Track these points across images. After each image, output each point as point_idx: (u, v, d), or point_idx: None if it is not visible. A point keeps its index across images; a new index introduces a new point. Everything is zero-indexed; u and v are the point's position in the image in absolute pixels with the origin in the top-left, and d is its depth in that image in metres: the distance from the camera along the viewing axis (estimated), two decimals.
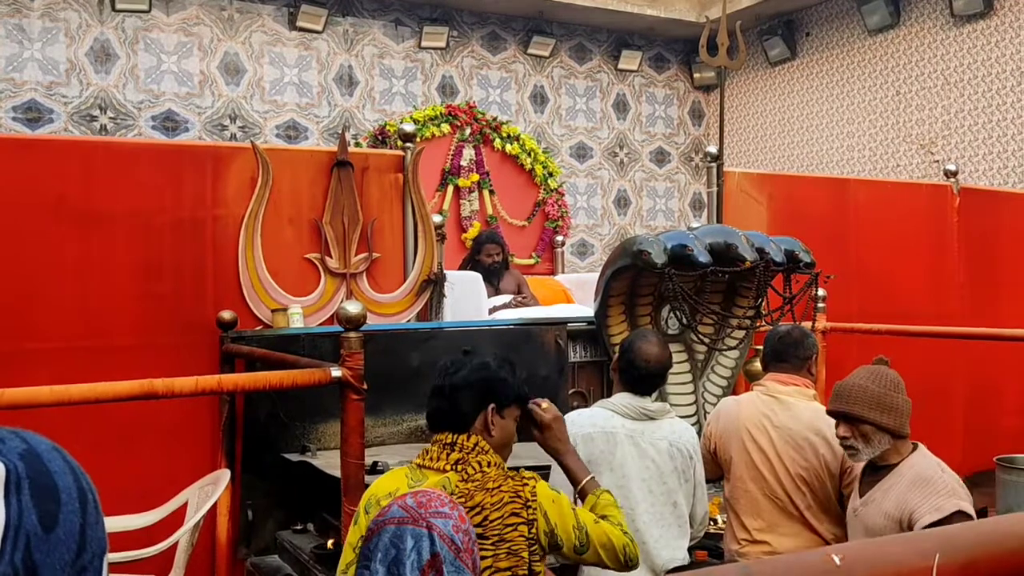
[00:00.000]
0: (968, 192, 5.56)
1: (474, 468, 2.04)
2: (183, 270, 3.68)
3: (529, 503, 2.02)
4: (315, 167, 3.96)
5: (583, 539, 2.12)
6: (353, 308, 2.51)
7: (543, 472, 2.92)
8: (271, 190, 3.81)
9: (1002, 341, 4.74)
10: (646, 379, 2.79)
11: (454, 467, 2.04)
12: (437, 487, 2.03)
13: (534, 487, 2.04)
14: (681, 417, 4.28)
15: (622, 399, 2.81)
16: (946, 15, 7.85)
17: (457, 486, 2.01)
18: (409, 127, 4.21)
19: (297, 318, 3.79)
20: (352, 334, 2.52)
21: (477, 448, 2.06)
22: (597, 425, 2.77)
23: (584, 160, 9.75)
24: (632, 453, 2.74)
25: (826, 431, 2.89)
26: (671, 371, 4.44)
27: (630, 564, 2.19)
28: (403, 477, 2.08)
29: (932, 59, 8.00)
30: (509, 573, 1.97)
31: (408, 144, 4.13)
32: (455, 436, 2.08)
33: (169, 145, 5.19)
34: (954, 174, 5.46)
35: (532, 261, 8.35)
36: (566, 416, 2.87)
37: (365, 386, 2.53)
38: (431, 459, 2.08)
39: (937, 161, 7.43)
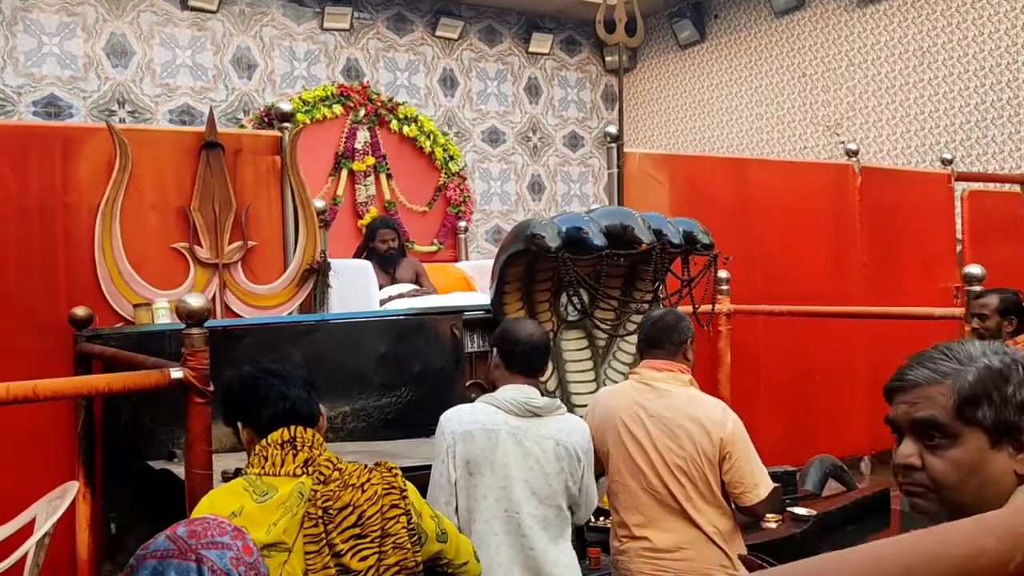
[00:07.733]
0: (870, 171, 5.54)
1: (327, 467, 1.87)
2: (31, 264, 3.35)
3: (404, 492, 1.91)
4: (181, 149, 3.66)
5: (442, 526, 2.01)
6: (195, 301, 2.26)
7: (424, 473, 2.74)
8: (130, 174, 3.50)
9: (904, 319, 4.71)
10: (530, 355, 2.62)
11: (305, 470, 1.86)
12: (292, 496, 1.83)
13: (399, 474, 1.93)
14: (584, 406, 4.15)
15: (507, 392, 2.62)
16: None
17: (315, 490, 1.83)
18: (286, 106, 3.94)
19: (163, 313, 3.49)
20: (195, 331, 2.27)
21: (316, 441, 1.90)
22: (478, 422, 2.58)
23: (497, 145, 9.55)
24: (515, 452, 2.54)
25: (702, 417, 2.73)
26: (572, 359, 4.34)
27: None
28: (242, 492, 1.85)
29: (836, 40, 8.03)
30: (397, 568, 1.84)
31: (286, 124, 3.86)
32: (293, 431, 1.89)
33: (9, 127, 4.78)
34: (855, 153, 5.44)
35: (434, 248, 8.07)
36: (445, 412, 2.68)
37: (211, 387, 2.28)
38: (272, 465, 1.87)
39: (843, 142, 7.44)
